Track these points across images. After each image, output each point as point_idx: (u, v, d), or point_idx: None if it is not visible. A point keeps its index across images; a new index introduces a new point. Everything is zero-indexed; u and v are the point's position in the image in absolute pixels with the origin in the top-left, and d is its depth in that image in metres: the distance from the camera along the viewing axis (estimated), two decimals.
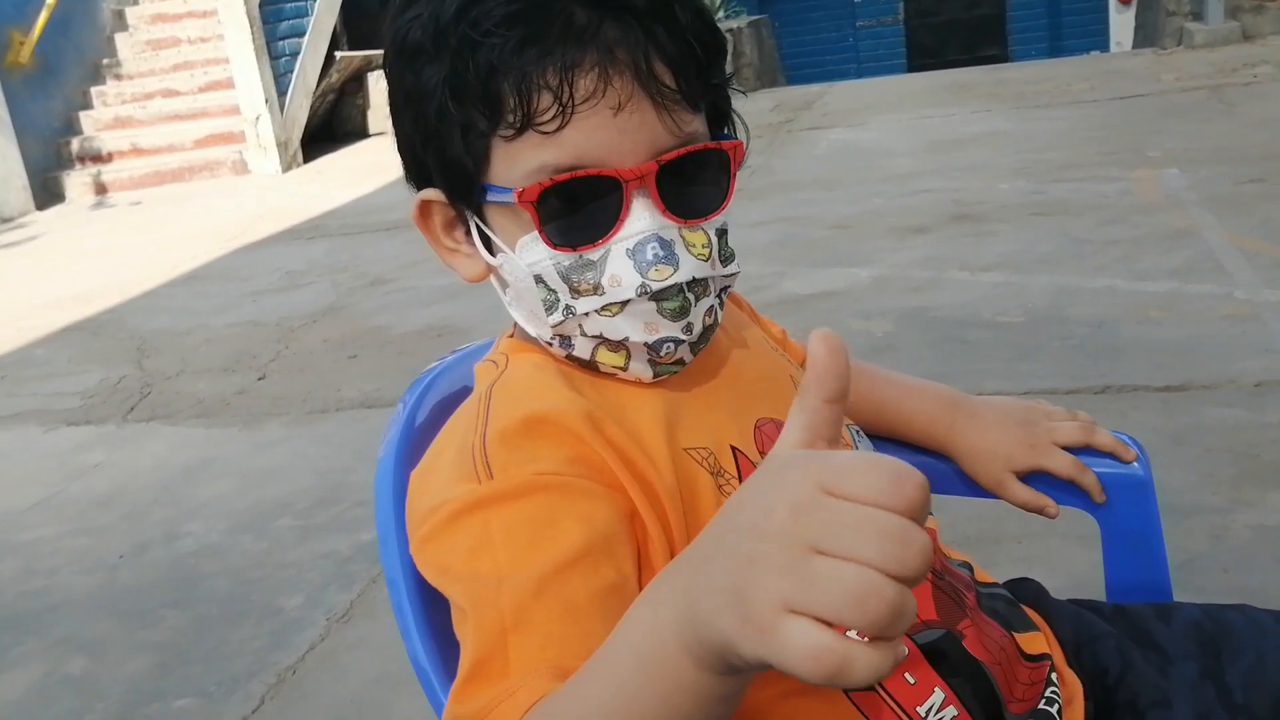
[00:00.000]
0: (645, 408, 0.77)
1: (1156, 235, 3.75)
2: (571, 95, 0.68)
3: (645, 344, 0.73)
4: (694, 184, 0.73)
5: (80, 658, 2.18)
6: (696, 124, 0.74)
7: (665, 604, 0.51)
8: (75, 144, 8.49)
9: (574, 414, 0.72)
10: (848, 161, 5.76)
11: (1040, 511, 0.98)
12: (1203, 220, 3.85)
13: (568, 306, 0.74)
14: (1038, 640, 0.85)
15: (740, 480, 0.76)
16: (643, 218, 0.71)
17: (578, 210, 0.71)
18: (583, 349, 0.76)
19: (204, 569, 2.46)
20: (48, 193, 8.25)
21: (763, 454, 0.79)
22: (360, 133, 9.12)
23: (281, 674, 2.02)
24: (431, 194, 0.78)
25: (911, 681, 0.76)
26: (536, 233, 0.72)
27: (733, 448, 0.78)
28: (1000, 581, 0.98)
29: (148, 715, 1.97)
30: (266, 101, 8.02)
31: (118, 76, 8.83)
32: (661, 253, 0.71)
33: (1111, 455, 0.98)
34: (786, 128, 6.98)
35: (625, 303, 0.72)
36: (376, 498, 0.87)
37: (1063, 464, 0.97)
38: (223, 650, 2.12)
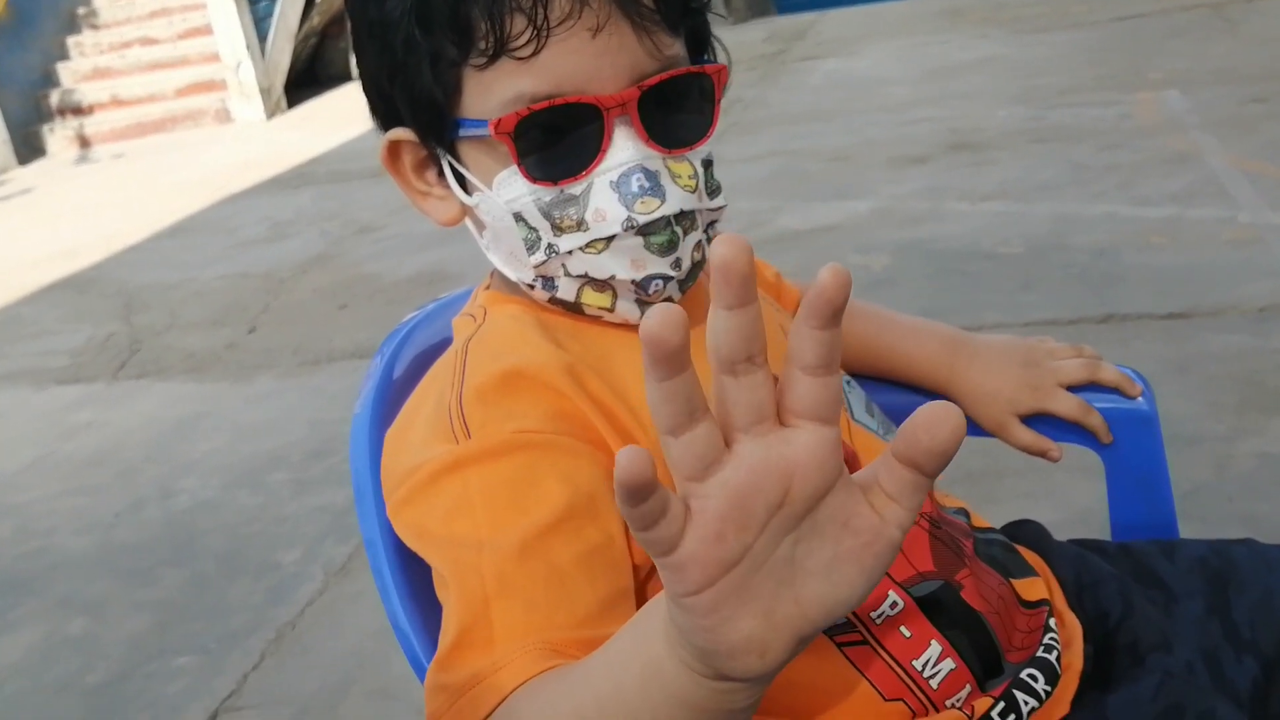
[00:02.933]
0: (630, 358, 0.73)
1: (1157, 159, 3.68)
2: (546, 17, 0.64)
3: (633, 281, 0.70)
4: (678, 111, 0.70)
5: (80, 618, 2.17)
6: (677, 48, 0.70)
7: (658, 607, 0.48)
8: (55, 96, 8.35)
9: (554, 367, 0.69)
10: (843, 92, 5.66)
11: (1043, 455, 0.96)
12: (1204, 143, 3.78)
13: (550, 245, 0.70)
14: (1036, 586, 0.83)
15: None
16: (626, 148, 0.68)
17: (558, 141, 0.68)
18: (567, 290, 0.72)
19: (200, 525, 2.45)
20: (29, 147, 8.14)
21: None
22: (344, 76, 8.95)
23: (281, 629, 2.01)
24: (400, 134, 0.74)
25: (907, 635, 0.73)
26: (515, 167, 0.69)
27: None
28: (1002, 521, 0.97)
29: (149, 674, 1.96)
30: (247, 47, 7.87)
31: (94, 26, 8.65)
32: (647, 184, 0.68)
33: (1116, 390, 0.96)
34: (780, 58, 6.85)
35: (611, 238, 0.69)
36: (352, 455, 0.84)
37: (1067, 406, 0.95)
38: (221, 607, 2.12)
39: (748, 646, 0.43)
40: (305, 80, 8.79)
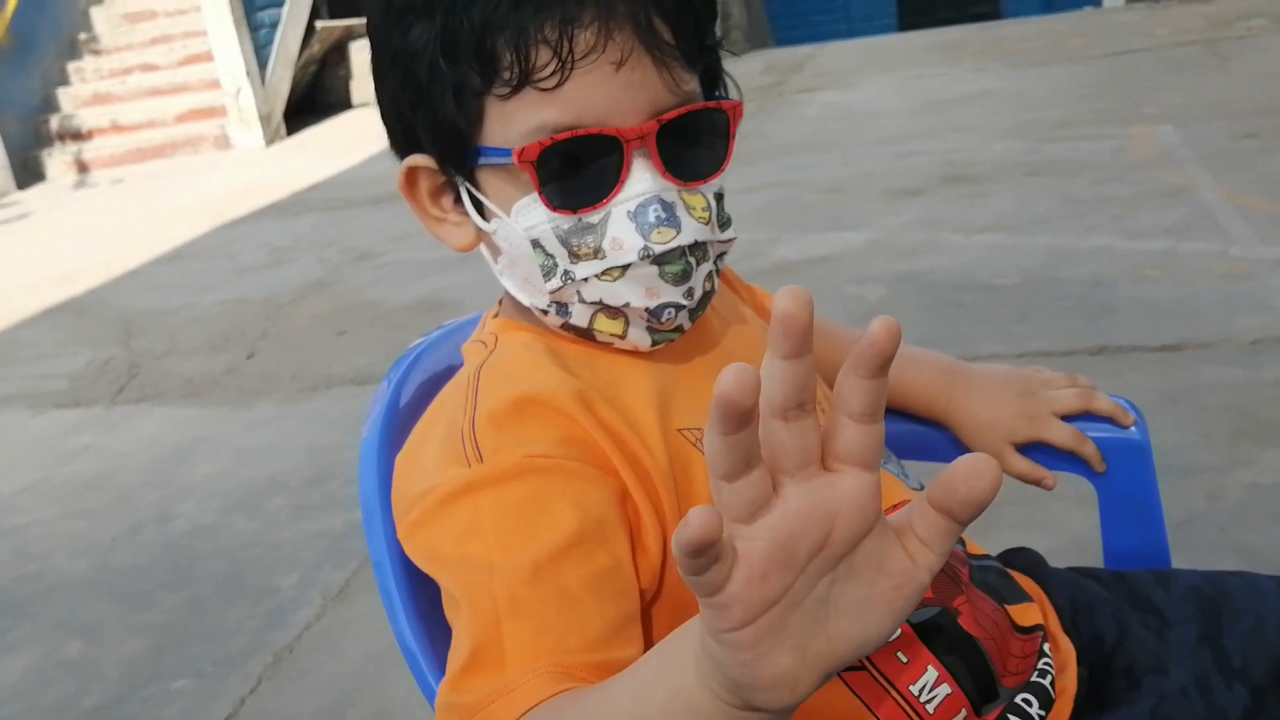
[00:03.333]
0: (638, 385, 0.75)
1: (1151, 193, 3.72)
2: (571, 50, 0.66)
3: (646, 309, 0.71)
4: (693, 145, 0.71)
5: (77, 641, 2.17)
6: (694, 83, 0.72)
7: (686, 638, 0.49)
8: (54, 121, 8.39)
9: (565, 394, 0.71)
10: (840, 124, 5.71)
11: (1038, 483, 0.98)
12: (1198, 177, 3.82)
13: (566, 272, 0.71)
14: (1030, 611, 0.85)
15: None
16: (643, 179, 0.69)
17: (578, 171, 0.69)
18: (580, 316, 0.74)
19: (198, 550, 2.45)
20: (28, 172, 8.17)
21: None
22: (343, 104, 9.02)
23: (278, 653, 2.01)
24: (418, 160, 0.75)
25: (904, 661, 0.74)
26: (535, 195, 0.70)
27: None
28: (999, 549, 0.98)
29: (145, 697, 1.96)
30: (247, 74, 7.92)
31: (95, 52, 8.71)
32: (664, 215, 0.69)
33: (1110, 420, 0.98)
34: (777, 90, 6.91)
35: (627, 267, 0.70)
36: (360, 478, 0.85)
37: (1062, 435, 0.96)
38: (219, 631, 2.11)
39: (781, 680, 0.45)
40: (305, 107, 8.84)
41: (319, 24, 8.76)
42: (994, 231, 3.63)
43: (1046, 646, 0.83)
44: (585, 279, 0.71)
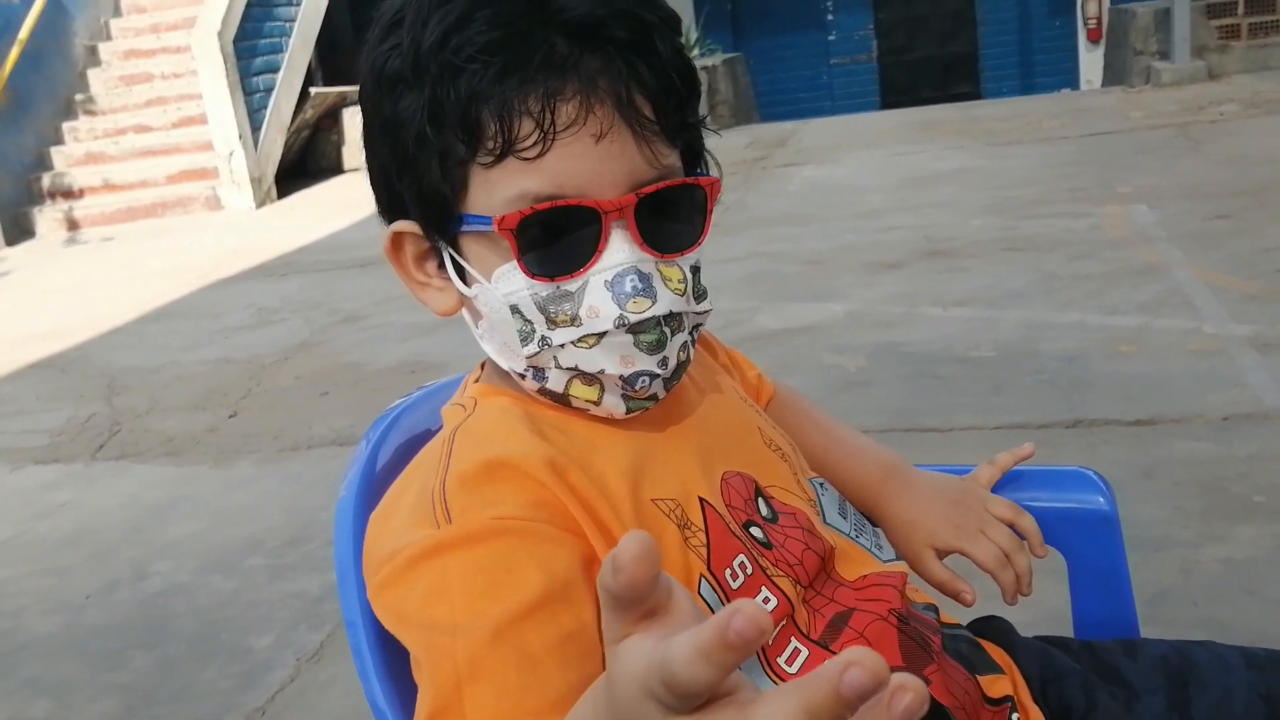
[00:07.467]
0: (612, 454, 0.76)
1: (1126, 270, 3.80)
2: (553, 121, 0.68)
3: (620, 377, 0.73)
4: (671, 219, 0.73)
5: (45, 700, 2.13)
6: (674, 158, 0.74)
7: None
8: (46, 179, 8.45)
9: (536, 459, 0.72)
10: (821, 198, 5.81)
11: (955, 597, 0.93)
12: (1171, 256, 3.91)
13: (544, 338, 0.73)
14: (1001, 683, 0.86)
15: (708, 534, 0.76)
16: (621, 250, 0.71)
17: (557, 240, 0.71)
18: (556, 382, 0.75)
19: (172, 609, 2.42)
20: (18, 229, 8.20)
21: (730, 507, 0.78)
22: (335, 168, 9.13)
23: (250, 715, 1.98)
24: (404, 226, 0.77)
25: None
26: (515, 262, 0.71)
27: (701, 499, 0.77)
28: (972, 618, 0.98)
29: None
30: (240, 137, 8.02)
31: (90, 112, 8.81)
32: (640, 285, 0.71)
33: (1025, 540, 0.95)
34: (761, 164, 7.04)
35: (602, 335, 0.71)
36: (336, 538, 0.86)
37: (984, 553, 0.93)
38: (191, 691, 2.09)
39: None
40: (296, 171, 8.93)
41: (313, 90, 8.90)
42: (971, 305, 3.69)
43: (1015, 717, 0.84)
44: (562, 345, 0.73)
